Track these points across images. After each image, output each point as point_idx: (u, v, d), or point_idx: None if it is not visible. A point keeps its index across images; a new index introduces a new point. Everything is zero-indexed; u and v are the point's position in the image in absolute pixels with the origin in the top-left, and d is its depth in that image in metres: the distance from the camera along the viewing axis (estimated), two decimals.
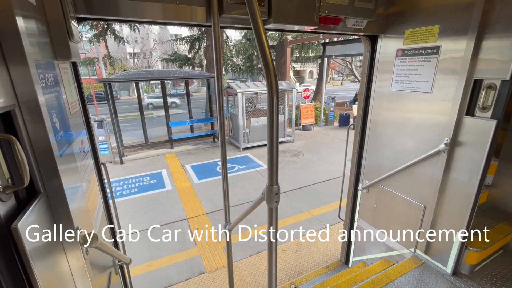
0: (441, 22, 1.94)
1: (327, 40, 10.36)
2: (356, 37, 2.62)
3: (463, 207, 2.04)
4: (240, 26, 1.84)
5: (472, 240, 2.34)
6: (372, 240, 2.93)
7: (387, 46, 2.37)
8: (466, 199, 2.01)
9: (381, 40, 2.41)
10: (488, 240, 2.34)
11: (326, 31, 2.17)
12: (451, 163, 2.07)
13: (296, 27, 1.98)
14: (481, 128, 1.86)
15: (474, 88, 1.88)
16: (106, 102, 8.42)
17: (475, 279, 2.20)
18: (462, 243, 2.13)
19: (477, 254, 2.22)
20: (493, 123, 1.79)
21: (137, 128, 11.48)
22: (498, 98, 1.80)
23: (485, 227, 2.54)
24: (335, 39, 10.65)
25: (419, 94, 2.17)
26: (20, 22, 0.81)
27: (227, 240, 2.19)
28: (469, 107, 1.92)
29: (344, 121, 11.98)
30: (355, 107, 12.15)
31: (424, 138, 2.20)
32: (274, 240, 1.22)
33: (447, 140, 2.02)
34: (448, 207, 2.16)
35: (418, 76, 2.16)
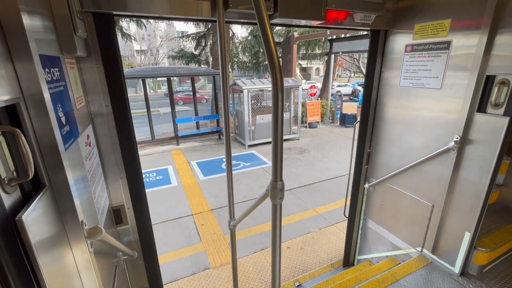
0: (453, 16, 1.88)
1: (334, 36, 10.23)
2: (364, 32, 2.57)
3: (473, 206, 1.99)
4: (245, 21, 1.82)
5: (481, 240, 2.29)
6: (378, 238, 2.90)
7: (396, 41, 2.32)
8: (476, 198, 1.96)
9: (389, 35, 2.36)
10: (498, 241, 2.29)
11: (333, 26, 2.13)
12: (461, 162, 2.02)
13: (303, 22, 1.95)
14: (493, 126, 1.81)
15: (486, 84, 1.83)
16: None
17: (484, 280, 2.15)
18: (471, 243, 2.08)
19: (487, 254, 2.18)
20: (506, 120, 1.74)
21: (143, 125, 11.59)
22: (511, 95, 1.74)
23: (495, 227, 2.48)
24: (343, 35, 10.51)
25: (429, 90, 2.12)
26: (25, 16, 0.81)
27: (232, 236, 2.20)
28: (481, 103, 1.87)
29: (342, 119, 11.89)
30: (345, 104, 12.02)
31: (433, 136, 2.15)
32: (278, 237, 1.21)
33: (457, 138, 1.97)
34: (457, 206, 2.11)
35: (428, 72, 2.10)
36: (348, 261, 3.32)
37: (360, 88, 14.09)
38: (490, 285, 2.11)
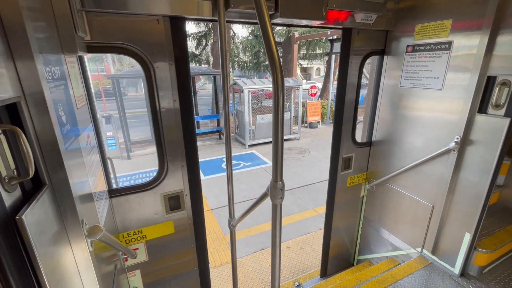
0: (454, 17, 1.88)
1: (335, 36, 10.22)
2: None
3: (473, 207, 1.99)
4: (246, 20, 1.82)
5: (481, 241, 2.29)
6: (378, 239, 2.89)
7: (397, 41, 2.31)
8: (476, 199, 1.96)
9: (390, 35, 2.36)
10: (498, 242, 2.29)
11: (334, 26, 2.13)
12: (461, 162, 2.01)
13: (304, 22, 1.95)
14: (494, 126, 1.80)
15: (487, 85, 1.82)
16: (114, 98, 8.52)
17: (483, 281, 2.15)
18: (471, 244, 2.08)
19: (487, 255, 2.17)
20: (507, 121, 1.74)
21: (144, 124, 11.60)
22: None
23: (496, 228, 2.48)
24: None
25: (429, 91, 2.12)
26: (26, 15, 0.81)
27: (231, 236, 2.20)
28: (482, 104, 1.87)
29: None
30: None
31: (434, 136, 2.15)
32: (278, 237, 1.21)
33: (457, 139, 1.96)
34: (457, 207, 2.11)
35: (429, 73, 2.10)
36: (325, 271, 3.10)
37: None
38: (490, 286, 2.11)
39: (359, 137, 2.97)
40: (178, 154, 1.91)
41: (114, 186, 2.05)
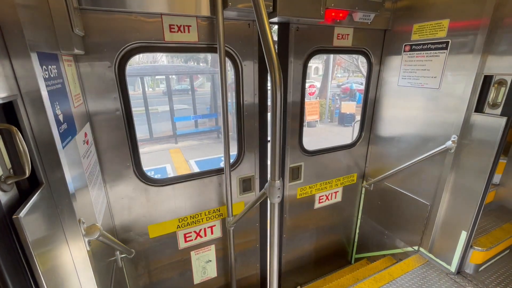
0: (452, 16, 1.89)
1: None
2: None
3: (470, 205, 2.00)
4: (245, 19, 1.82)
5: (477, 239, 2.31)
6: (376, 237, 2.91)
7: (395, 41, 2.32)
8: (473, 197, 1.97)
9: (388, 34, 2.36)
10: (494, 240, 2.31)
11: (332, 25, 2.13)
12: (458, 161, 2.03)
13: (302, 21, 1.94)
14: (490, 126, 1.82)
15: (484, 84, 1.83)
16: None
17: (479, 279, 2.17)
18: (468, 242, 2.10)
19: (483, 253, 2.19)
20: (503, 120, 1.75)
21: (142, 123, 11.54)
22: (509, 95, 1.75)
23: (492, 226, 2.50)
24: None
25: (427, 90, 2.13)
26: (22, 13, 0.80)
27: (230, 235, 2.20)
28: (479, 103, 1.88)
29: (341, 118, 11.88)
30: (344, 104, 12.07)
31: (431, 135, 2.16)
32: (276, 236, 1.21)
33: (454, 138, 1.98)
34: (454, 206, 2.12)
35: (426, 72, 2.11)
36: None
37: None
38: (486, 283, 2.13)
39: (355, 136, 2.98)
40: (253, 142, 2.14)
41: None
